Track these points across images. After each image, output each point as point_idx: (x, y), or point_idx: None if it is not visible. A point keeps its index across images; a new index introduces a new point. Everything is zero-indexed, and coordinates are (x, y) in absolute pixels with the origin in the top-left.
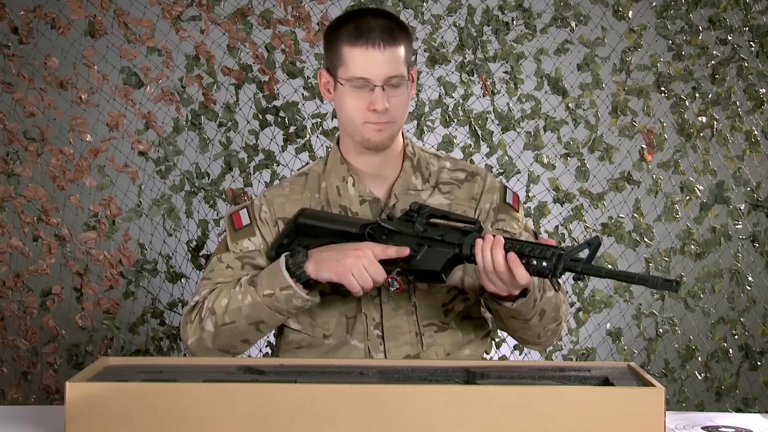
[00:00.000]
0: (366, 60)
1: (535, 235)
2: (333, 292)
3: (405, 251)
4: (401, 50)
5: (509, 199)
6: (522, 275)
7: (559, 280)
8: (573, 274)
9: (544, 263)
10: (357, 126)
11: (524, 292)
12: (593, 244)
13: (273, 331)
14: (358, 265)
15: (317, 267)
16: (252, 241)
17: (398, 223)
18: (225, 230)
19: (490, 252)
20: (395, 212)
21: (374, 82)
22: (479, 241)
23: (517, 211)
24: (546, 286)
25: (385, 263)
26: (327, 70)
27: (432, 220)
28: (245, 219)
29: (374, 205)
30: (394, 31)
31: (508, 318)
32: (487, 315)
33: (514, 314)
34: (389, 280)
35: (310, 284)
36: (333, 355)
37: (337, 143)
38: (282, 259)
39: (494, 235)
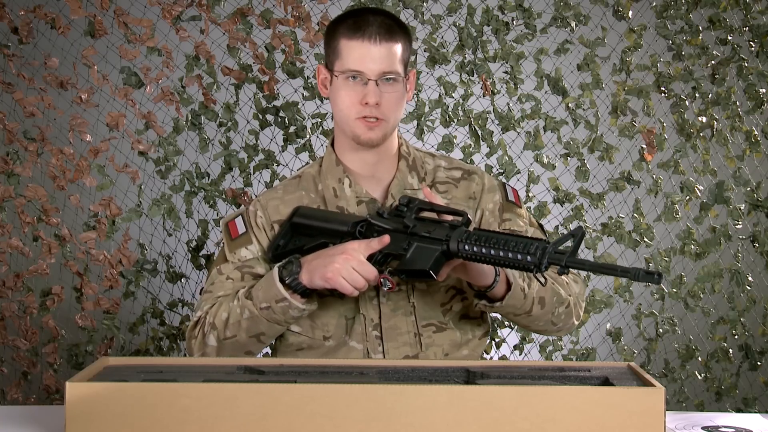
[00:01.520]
0: (361, 53)
1: (541, 227)
2: (330, 294)
3: (386, 239)
4: (398, 48)
5: (511, 196)
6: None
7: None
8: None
9: (529, 258)
10: (350, 120)
11: (509, 286)
12: (577, 235)
13: None
14: (347, 267)
15: (310, 276)
16: (249, 249)
17: (388, 220)
18: (222, 239)
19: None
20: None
21: (368, 76)
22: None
23: (520, 207)
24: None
25: (377, 262)
26: (325, 66)
27: (421, 214)
28: (241, 227)
29: (371, 205)
30: (392, 28)
31: (510, 316)
32: (485, 315)
33: (511, 311)
34: (381, 280)
35: (307, 292)
36: (332, 356)
37: (331, 144)
38: (275, 270)
39: (483, 235)
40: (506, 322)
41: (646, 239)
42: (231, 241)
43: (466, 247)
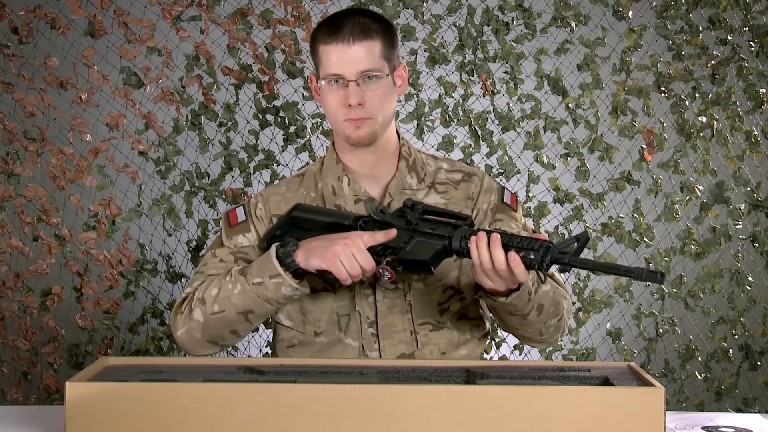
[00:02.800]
0: (338, 56)
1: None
2: (324, 289)
3: (392, 233)
4: (376, 45)
5: (507, 199)
6: (522, 273)
7: (560, 274)
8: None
9: (532, 255)
10: (338, 123)
11: (518, 286)
12: (581, 239)
13: (271, 329)
14: (347, 252)
15: (306, 255)
16: (246, 236)
17: (391, 217)
18: (221, 227)
19: (487, 250)
20: (389, 210)
21: (348, 78)
22: (474, 238)
23: (516, 211)
24: (541, 279)
25: (376, 254)
26: (315, 73)
27: (425, 215)
28: (241, 216)
29: (369, 204)
30: (367, 26)
31: (505, 314)
32: (486, 315)
33: (510, 309)
34: (380, 270)
35: (299, 274)
36: (327, 353)
37: (333, 143)
38: (273, 248)
39: (489, 233)
40: None
41: (646, 239)
42: (229, 227)
43: (469, 244)
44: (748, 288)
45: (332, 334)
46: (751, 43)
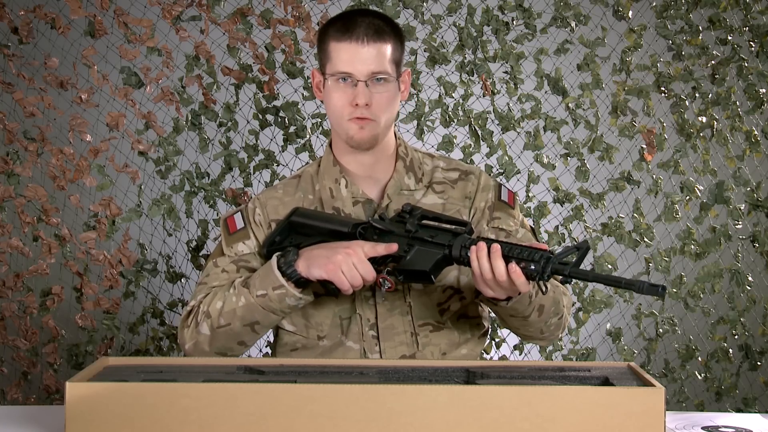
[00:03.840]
0: (350, 55)
1: (533, 231)
2: (326, 293)
3: (393, 247)
4: (387, 48)
5: (504, 196)
6: (523, 284)
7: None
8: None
9: (532, 266)
10: (342, 122)
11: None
12: (582, 249)
13: (272, 332)
14: (348, 262)
15: (308, 264)
16: (246, 244)
17: (390, 224)
18: (221, 235)
19: (488, 261)
20: (388, 213)
21: (357, 77)
22: (475, 248)
23: (513, 208)
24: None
25: (376, 262)
26: (319, 69)
27: (423, 221)
28: (239, 223)
29: (367, 206)
30: (380, 28)
31: (507, 316)
32: (485, 314)
33: (511, 312)
34: (380, 280)
35: (302, 283)
36: (329, 356)
37: (330, 145)
38: (274, 259)
39: (490, 243)
40: None
41: (646, 239)
42: (229, 235)
43: (469, 254)
44: (748, 288)
45: (335, 338)
46: (751, 43)
